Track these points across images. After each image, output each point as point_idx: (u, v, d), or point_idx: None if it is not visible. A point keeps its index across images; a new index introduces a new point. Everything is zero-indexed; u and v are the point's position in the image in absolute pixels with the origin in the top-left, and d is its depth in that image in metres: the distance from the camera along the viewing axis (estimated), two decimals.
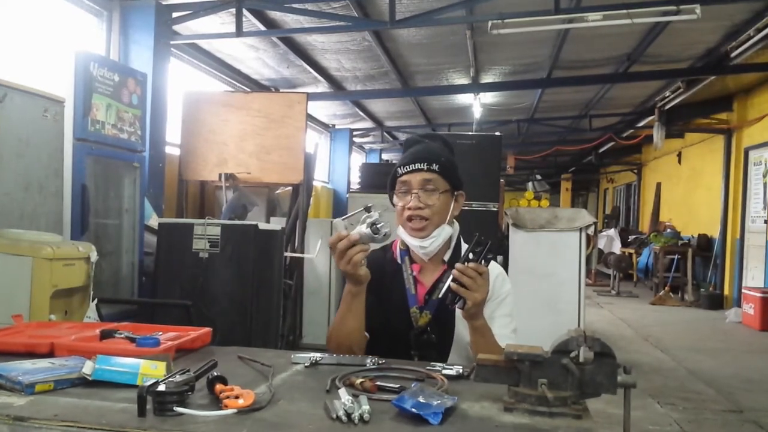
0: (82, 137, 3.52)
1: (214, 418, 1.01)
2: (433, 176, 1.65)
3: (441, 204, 1.65)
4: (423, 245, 1.65)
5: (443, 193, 1.65)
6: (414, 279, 1.69)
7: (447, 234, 1.67)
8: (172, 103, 5.33)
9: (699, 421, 3.95)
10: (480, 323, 1.50)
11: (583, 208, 6.11)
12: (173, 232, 3.99)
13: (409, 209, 1.64)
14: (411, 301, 1.66)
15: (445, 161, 1.68)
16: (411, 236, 1.67)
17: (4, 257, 2.68)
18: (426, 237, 1.64)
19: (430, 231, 1.64)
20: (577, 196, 21.86)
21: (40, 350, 1.36)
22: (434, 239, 1.64)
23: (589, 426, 1.02)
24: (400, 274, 1.70)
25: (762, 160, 8.27)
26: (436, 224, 1.64)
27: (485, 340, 1.50)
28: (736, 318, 7.80)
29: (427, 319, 1.63)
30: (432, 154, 1.68)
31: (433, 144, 1.75)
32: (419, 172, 1.65)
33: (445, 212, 1.66)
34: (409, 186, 1.65)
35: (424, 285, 1.69)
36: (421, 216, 1.63)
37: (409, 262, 1.71)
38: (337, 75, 7.86)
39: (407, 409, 1.02)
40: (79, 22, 4.80)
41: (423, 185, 1.64)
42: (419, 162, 1.65)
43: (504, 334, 1.61)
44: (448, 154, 1.75)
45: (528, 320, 4.65)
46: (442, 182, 1.66)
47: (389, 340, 1.62)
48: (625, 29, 5.75)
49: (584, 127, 10.72)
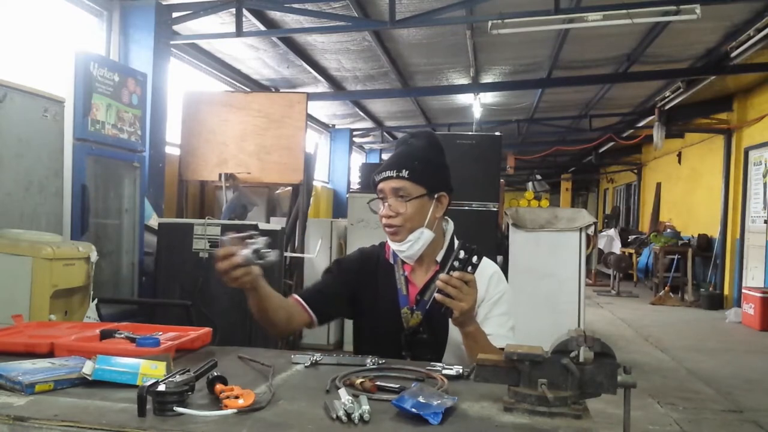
0: (82, 137, 3.52)
1: (214, 418, 1.01)
2: (402, 183, 1.62)
3: (413, 211, 1.62)
4: (401, 249, 1.65)
5: (416, 199, 1.63)
6: (405, 279, 1.69)
7: (427, 237, 1.65)
8: (172, 103, 5.33)
9: (699, 420, 3.95)
10: (471, 329, 1.48)
11: (583, 208, 6.11)
12: (173, 232, 3.99)
13: (383, 217, 1.65)
14: (402, 301, 1.66)
15: (419, 165, 1.64)
16: (390, 241, 1.68)
17: (4, 257, 2.68)
18: (401, 242, 1.64)
19: (404, 236, 1.64)
20: (577, 196, 21.86)
21: (41, 350, 1.36)
22: (411, 243, 1.64)
23: (589, 426, 1.02)
24: (392, 274, 1.71)
25: (762, 160, 8.27)
26: (410, 230, 1.63)
27: (478, 345, 1.49)
28: (736, 318, 7.80)
29: (418, 319, 1.63)
30: (405, 159, 1.65)
31: (414, 146, 1.70)
32: (390, 180, 1.64)
33: (419, 217, 1.64)
34: (384, 194, 1.66)
35: (416, 285, 1.69)
36: (392, 224, 1.63)
37: (401, 262, 1.71)
38: (337, 75, 7.86)
39: (407, 409, 1.02)
40: (79, 22, 4.80)
41: (395, 193, 1.63)
42: (389, 169, 1.64)
43: (501, 334, 1.61)
44: (429, 154, 1.69)
45: (528, 320, 4.67)
46: (414, 188, 1.63)
47: (381, 339, 1.62)
48: (625, 29, 5.75)
49: (584, 127, 10.73)
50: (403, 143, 1.74)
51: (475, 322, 1.50)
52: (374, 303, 1.69)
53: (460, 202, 5.20)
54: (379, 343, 1.61)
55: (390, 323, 1.64)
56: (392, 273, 1.71)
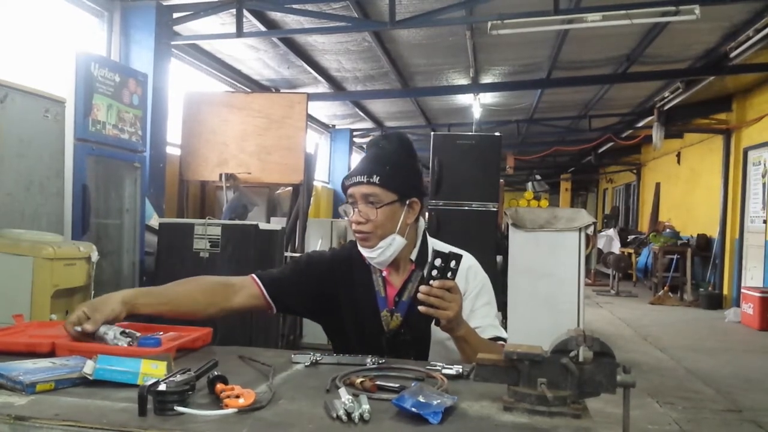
0: (83, 137, 3.52)
1: (215, 418, 1.01)
2: (373, 189, 1.58)
3: (383, 217, 1.59)
4: (371, 256, 1.62)
5: (387, 206, 1.59)
6: (383, 280, 1.66)
7: (399, 244, 1.61)
8: (172, 103, 5.34)
9: (698, 420, 3.95)
10: (461, 333, 1.47)
11: (583, 208, 6.11)
12: (174, 232, 3.99)
13: (353, 222, 1.62)
14: (381, 304, 1.64)
15: (390, 170, 1.59)
16: (360, 247, 1.65)
17: (6, 257, 2.68)
18: (372, 248, 1.61)
19: (374, 243, 1.60)
20: (577, 196, 21.85)
21: (41, 350, 1.36)
22: (382, 250, 1.60)
23: (589, 425, 1.03)
24: (369, 276, 1.67)
25: (761, 160, 8.28)
26: (380, 236, 1.60)
27: (471, 346, 1.48)
28: (735, 318, 7.80)
29: (398, 321, 1.61)
30: (376, 164, 1.61)
31: (385, 149, 1.65)
32: (360, 185, 1.60)
33: (390, 223, 1.60)
34: (354, 199, 1.62)
35: (394, 286, 1.66)
36: (362, 230, 1.60)
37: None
38: (338, 75, 7.87)
39: (407, 409, 1.02)
40: (79, 23, 4.80)
41: (365, 199, 1.60)
42: (359, 174, 1.60)
43: (488, 324, 1.61)
44: (401, 159, 1.64)
45: (527, 320, 4.70)
46: (386, 194, 1.58)
47: (363, 343, 1.60)
48: (625, 30, 5.76)
49: (583, 127, 10.73)
50: (374, 146, 1.69)
51: (465, 324, 1.48)
52: (352, 306, 1.66)
53: (460, 202, 5.22)
54: (359, 345, 1.59)
55: (370, 326, 1.62)
56: (369, 275, 1.67)
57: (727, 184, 9.13)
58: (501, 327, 1.66)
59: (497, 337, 1.60)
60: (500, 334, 1.62)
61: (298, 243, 5.27)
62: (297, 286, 1.69)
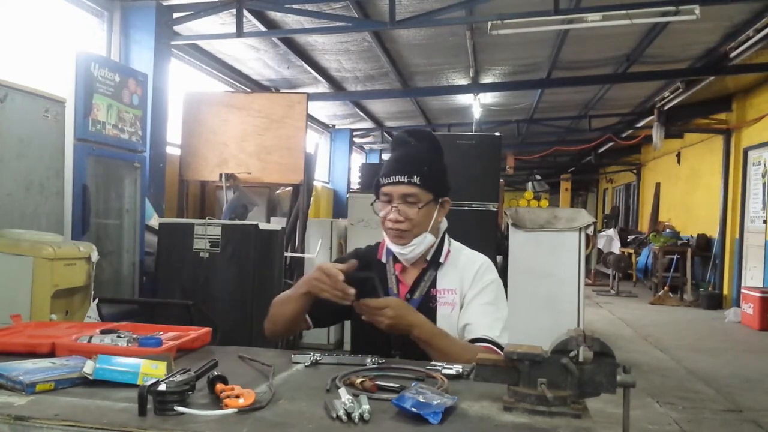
0: (83, 137, 3.52)
1: (215, 418, 1.01)
2: (414, 190, 1.61)
3: (422, 216, 1.62)
4: (403, 252, 1.66)
5: (425, 206, 1.62)
6: (396, 278, 1.70)
7: (429, 241, 1.66)
8: (172, 103, 5.34)
9: (698, 420, 3.95)
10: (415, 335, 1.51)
11: (583, 208, 6.11)
12: (174, 232, 3.99)
13: (390, 221, 1.63)
14: None
15: (428, 171, 1.62)
16: (392, 243, 1.67)
17: (5, 257, 2.68)
18: (406, 245, 1.64)
19: (410, 240, 1.64)
20: (577, 196, 21.85)
21: (41, 350, 1.36)
22: (415, 247, 1.64)
23: (589, 425, 1.03)
24: (384, 274, 1.71)
25: (761, 160, 8.28)
26: (417, 234, 1.64)
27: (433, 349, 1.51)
28: (735, 318, 7.80)
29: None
30: (415, 163, 1.63)
31: (418, 148, 1.67)
32: (400, 185, 1.61)
33: (426, 222, 1.64)
34: (390, 197, 1.63)
35: (406, 284, 1.70)
36: (399, 228, 1.62)
37: (392, 261, 1.72)
38: (338, 75, 7.87)
39: (407, 409, 1.02)
40: (79, 23, 4.80)
41: (404, 198, 1.62)
42: (400, 174, 1.61)
43: (483, 323, 1.60)
44: (435, 159, 1.68)
45: (527, 320, 4.68)
46: (424, 194, 1.62)
47: (371, 337, 1.61)
48: (625, 30, 5.76)
49: (584, 127, 10.73)
50: (404, 144, 1.70)
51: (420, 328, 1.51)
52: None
53: (460, 202, 5.21)
54: (370, 341, 1.61)
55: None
56: (384, 272, 1.72)
57: (727, 184, 9.13)
58: (504, 330, 1.62)
59: (485, 338, 1.58)
60: (492, 335, 1.59)
61: (298, 243, 5.27)
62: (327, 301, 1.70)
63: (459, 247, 1.77)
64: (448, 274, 1.69)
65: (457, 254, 1.73)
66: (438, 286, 1.68)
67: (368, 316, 1.49)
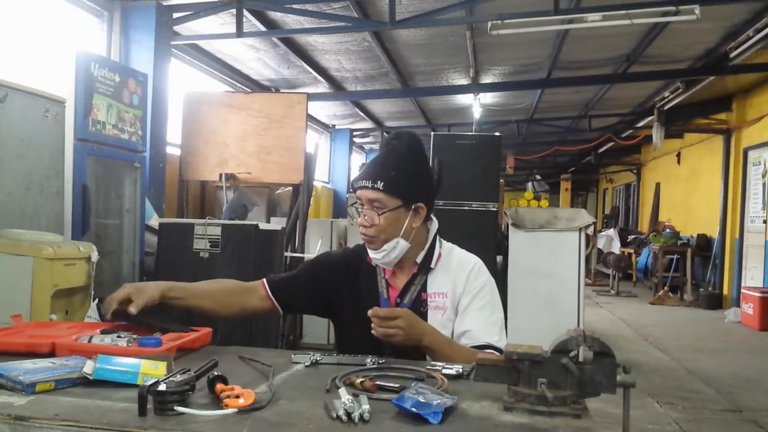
0: (83, 137, 3.52)
1: (215, 418, 1.01)
2: (378, 195, 1.59)
3: (387, 223, 1.60)
4: (376, 257, 1.65)
5: (390, 212, 1.60)
6: (386, 282, 1.69)
7: (402, 247, 1.63)
8: (172, 103, 5.34)
9: (698, 420, 3.95)
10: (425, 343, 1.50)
11: (583, 208, 6.12)
12: (174, 232, 3.99)
13: (360, 225, 1.65)
14: (383, 305, 1.65)
15: (394, 176, 1.59)
16: (367, 248, 1.67)
17: (5, 257, 2.68)
18: (376, 251, 1.63)
19: (379, 246, 1.62)
20: (577, 196, 21.86)
21: (41, 350, 1.36)
22: (386, 252, 1.62)
23: (589, 425, 1.03)
24: (374, 277, 1.71)
25: (761, 160, 8.28)
26: (384, 240, 1.62)
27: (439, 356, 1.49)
28: (735, 318, 7.80)
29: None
30: (381, 169, 1.61)
31: (394, 152, 1.64)
32: (366, 190, 1.61)
33: (393, 228, 1.61)
34: (361, 202, 1.64)
35: (396, 288, 1.68)
36: (366, 234, 1.63)
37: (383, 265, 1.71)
38: (337, 75, 7.87)
39: (407, 409, 1.02)
40: (79, 23, 4.80)
41: (370, 204, 1.61)
42: (366, 179, 1.61)
43: (481, 329, 1.59)
44: (406, 164, 1.63)
45: (527, 320, 4.70)
46: (390, 200, 1.59)
47: (364, 342, 1.59)
48: (625, 30, 5.76)
49: (584, 127, 10.73)
50: (385, 146, 1.69)
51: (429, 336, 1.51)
52: (355, 306, 1.68)
53: (460, 202, 5.22)
54: (362, 345, 1.59)
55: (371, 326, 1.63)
56: (374, 276, 1.71)
57: (727, 184, 9.13)
58: (501, 332, 1.62)
59: (488, 344, 1.57)
60: (492, 340, 1.58)
61: (298, 243, 5.27)
62: (302, 288, 1.75)
63: (450, 248, 1.75)
64: (439, 277, 1.68)
65: (448, 256, 1.72)
66: (429, 290, 1.66)
67: (380, 330, 1.46)
